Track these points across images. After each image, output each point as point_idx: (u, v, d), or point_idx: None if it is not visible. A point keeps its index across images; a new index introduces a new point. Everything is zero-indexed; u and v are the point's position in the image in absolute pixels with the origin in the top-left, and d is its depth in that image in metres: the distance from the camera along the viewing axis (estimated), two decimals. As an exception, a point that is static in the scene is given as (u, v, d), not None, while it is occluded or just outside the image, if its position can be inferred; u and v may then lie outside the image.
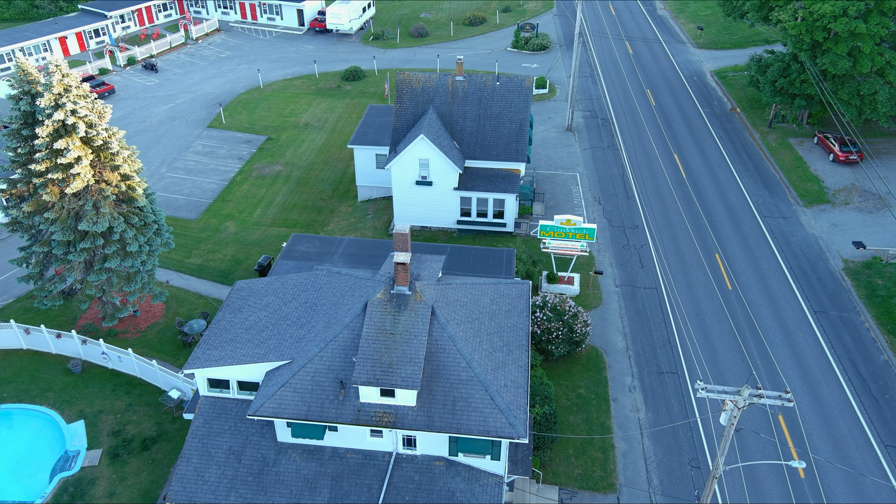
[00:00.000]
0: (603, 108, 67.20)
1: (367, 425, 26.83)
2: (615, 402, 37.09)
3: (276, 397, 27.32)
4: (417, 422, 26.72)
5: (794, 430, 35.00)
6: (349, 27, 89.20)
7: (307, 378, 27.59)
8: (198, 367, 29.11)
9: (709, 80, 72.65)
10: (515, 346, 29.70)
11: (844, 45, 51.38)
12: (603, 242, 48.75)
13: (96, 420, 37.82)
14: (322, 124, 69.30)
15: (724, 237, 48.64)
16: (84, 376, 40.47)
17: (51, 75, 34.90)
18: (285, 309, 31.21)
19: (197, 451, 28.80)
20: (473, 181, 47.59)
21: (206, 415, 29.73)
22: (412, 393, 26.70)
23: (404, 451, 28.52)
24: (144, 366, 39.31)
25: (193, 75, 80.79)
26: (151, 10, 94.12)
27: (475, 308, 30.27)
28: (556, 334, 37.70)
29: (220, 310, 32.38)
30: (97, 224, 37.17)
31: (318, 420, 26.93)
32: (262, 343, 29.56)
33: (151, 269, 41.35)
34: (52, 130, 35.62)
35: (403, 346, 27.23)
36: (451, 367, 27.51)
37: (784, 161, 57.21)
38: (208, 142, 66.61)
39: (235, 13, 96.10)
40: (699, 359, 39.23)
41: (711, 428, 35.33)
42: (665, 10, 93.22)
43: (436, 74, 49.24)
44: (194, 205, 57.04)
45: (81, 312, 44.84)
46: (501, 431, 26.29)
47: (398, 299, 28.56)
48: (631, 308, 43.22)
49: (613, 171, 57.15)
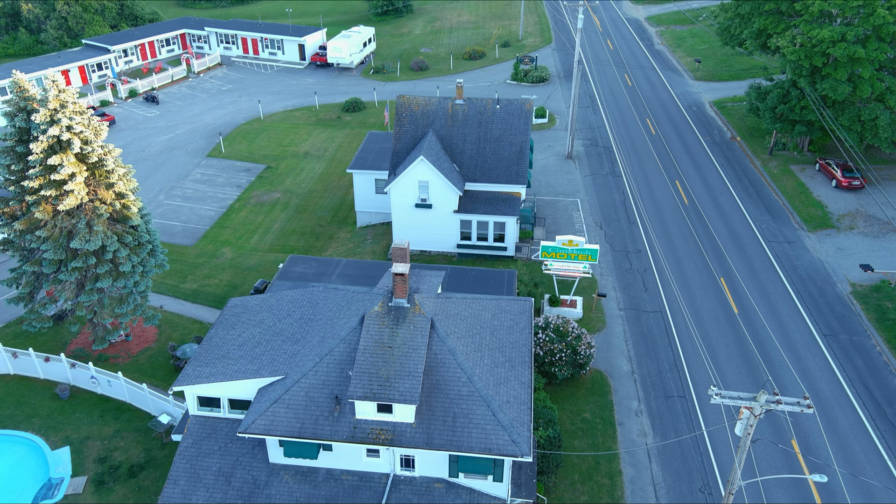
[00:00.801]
0: (603, 137, 67.10)
1: (363, 443, 25.57)
2: (621, 427, 35.73)
3: (268, 414, 26.11)
4: (416, 439, 25.47)
5: (808, 452, 33.59)
6: (350, 61, 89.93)
7: (301, 394, 26.43)
8: (187, 384, 27.96)
9: (708, 110, 72.80)
10: (518, 362, 28.60)
11: (844, 70, 51.40)
12: (605, 266, 47.90)
13: (82, 446, 36.40)
14: (321, 153, 69.13)
15: (729, 261, 47.81)
16: (72, 402, 39.16)
17: (47, 90, 34.56)
18: (280, 325, 30.20)
19: (184, 473, 27.44)
20: (474, 204, 46.98)
21: (195, 435, 28.45)
22: (410, 408, 25.52)
23: (402, 473, 27.17)
24: (134, 390, 38.06)
25: (194, 107, 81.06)
26: (154, 45, 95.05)
27: (476, 323, 29.27)
28: (560, 356, 36.55)
29: (213, 327, 31.35)
30: (90, 242, 36.35)
31: (312, 438, 25.68)
32: (255, 359, 28.47)
33: (144, 290, 40.41)
34: (46, 146, 35.10)
35: (401, 359, 26.16)
36: (451, 381, 26.39)
37: (786, 187, 56.77)
38: (207, 170, 66.30)
39: (237, 48, 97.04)
40: (708, 382, 37.99)
41: (725, 450, 33.93)
42: (662, 45, 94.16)
43: (435, 98, 49.09)
44: (191, 231, 56.34)
45: (72, 337, 43.75)
46: (504, 449, 25.03)
47: (396, 312, 27.59)
48: (635, 331, 42.13)
49: (615, 196, 56.65)
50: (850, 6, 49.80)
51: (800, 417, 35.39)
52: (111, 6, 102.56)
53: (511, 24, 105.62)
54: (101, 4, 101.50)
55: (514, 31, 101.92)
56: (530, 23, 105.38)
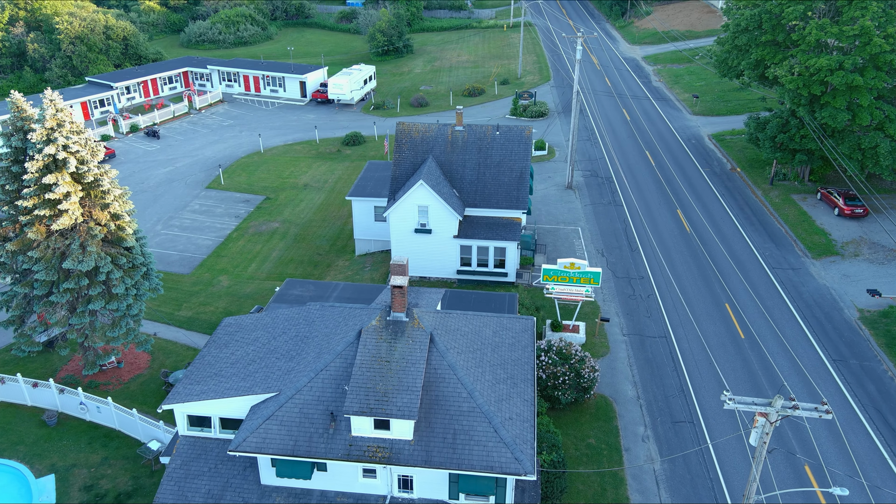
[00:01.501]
0: (603, 168, 67.04)
1: (358, 461, 24.44)
2: (628, 453, 34.46)
3: (260, 431, 25.04)
4: (415, 457, 24.35)
5: (823, 478, 32.28)
6: (350, 97, 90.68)
7: (295, 410, 25.40)
8: (177, 402, 26.94)
9: (706, 142, 72.96)
10: (520, 379, 27.64)
11: (842, 98, 51.51)
12: (608, 293, 47.10)
13: (68, 474, 35.07)
14: (321, 185, 68.98)
15: (733, 287, 47.05)
16: (59, 429, 37.95)
17: (44, 109, 34.36)
18: (274, 343, 29.31)
19: (172, 495, 26.20)
20: (474, 229, 46.45)
21: (184, 456, 27.28)
22: (409, 424, 24.47)
23: (399, 495, 25.94)
24: (124, 416, 36.90)
25: (195, 141, 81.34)
26: (157, 83, 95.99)
27: (477, 339, 28.39)
28: (563, 379, 35.49)
29: (206, 345, 30.46)
30: (83, 263, 35.69)
31: (306, 456, 24.56)
32: (248, 376, 27.51)
33: (138, 314, 39.54)
34: (41, 165, 34.76)
35: (399, 374, 25.22)
36: (451, 397, 25.39)
37: (788, 216, 56.36)
38: (205, 201, 66.02)
39: (239, 86, 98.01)
40: (716, 407, 36.82)
41: (736, 476, 32.61)
42: (660, 82, 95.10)
43: (435, 125, 49.04)
44: (188, 260, 55.71)
45: (63, 364, 42.74)
46: (507, 467, 23.90)
47: (395, 326, 26.75)
48: (640, 357, 41.11)
49: (616, 225, 56.18)
50: (847, 35, 50.17)
51: (813, 444, 34.15)
52: (115, 46, 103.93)
53: (510, 64, 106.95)
54: (105, 44, 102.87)
55: (513, 70, 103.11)
56: (529, 62, 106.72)
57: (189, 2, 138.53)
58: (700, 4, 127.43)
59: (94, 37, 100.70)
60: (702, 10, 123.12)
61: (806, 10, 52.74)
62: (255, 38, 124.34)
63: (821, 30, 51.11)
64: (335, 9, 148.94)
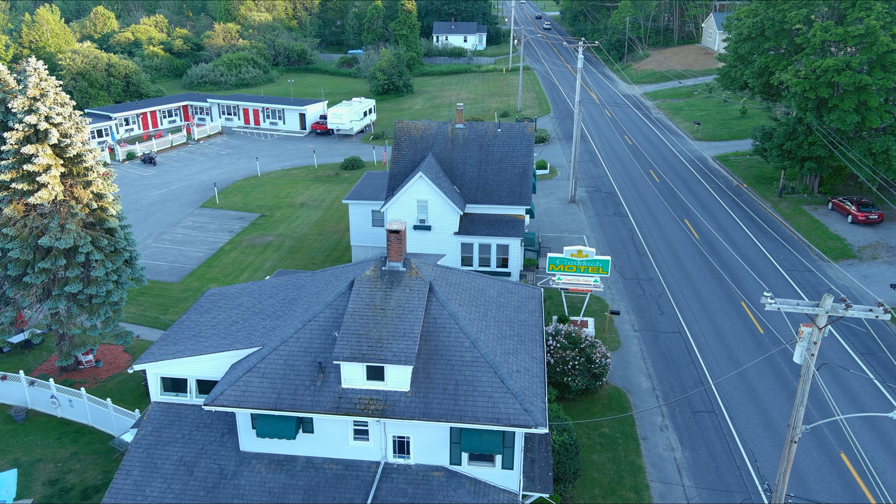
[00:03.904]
0: (606, 185, 65.59)
1: (349, 414, 21.73)
2: (645, 441, 31.48)
3: (239, 384, 22.43)
4: (412, 409, 21.68)
5: (861, 467, 29.28)
6: (350, 127, 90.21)
7: (279, 362, 22.85)
8: (151, 361, 24.39)
9: (711, 163, 71.80)
10: (528, 339, 25.16)
11: (851, 100, 50.43)
12: (617, 293, 44.75)
13: (32, 469, 32.00)
14: (318, 203, 67.37)
15: (748, 287, 44.73)
16: (27, 424, 35.01)
17: (27, 77, 32.94)
18: (260, 306, 26.95)
19: (140, 462, 23.34)
20: (475, 226, 44.48)
21: (155, 422, 24.52)
22: (405, 372, 21.89)
23: (395, 461, 23.08)
24: (97, 410, 34.05)
25: (191, 167, 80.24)
26: (156, 115, 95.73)
27: (480, 296, 26.04)
28: (573, 364, 32.85)
29: (186, 312, 28.08)
30: (61, 240, 33.56)
31: (290, 410, 21.87)
32: (230, 335, 25.06)
33: (118, 301, 37.10)
34: (21, 137, 33.09)
35: (395, 321, 22.80)
36: (452, 347, 22.89)
37: (800, 224, 54.50)
38: (199, 218, 64.24)
39: (238, 119, 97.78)
40: (738, 398, 34.02)
41: (766, 463, 29.60)
42: (660, 113, 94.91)
43: (435, 122, 47.73)
44: (178, 270, 53.47)
45: (38, 364, 40.01)
46: (515, 419, 21.22)
47: (391, 276, 24.47)
48: (654, 350, 38.47)
49: (622, 233, 54.23)
50: (852, 36, 49.48)
51: (847, 436, 31.26)
52: (117, 83, 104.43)
53: (510, 100, 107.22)
54: (107, 81, 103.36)
55: (512, 105, 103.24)
56: (528, 98, 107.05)
57: (192, 48, 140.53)
58: (696, 48, 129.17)
59: (95, 73, 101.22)
60: (698, 52, 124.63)
61: (809, 14, 52.27)
62: (256, 80, 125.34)
63: (825, 31, 50.49)
64: (336, 56, 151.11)
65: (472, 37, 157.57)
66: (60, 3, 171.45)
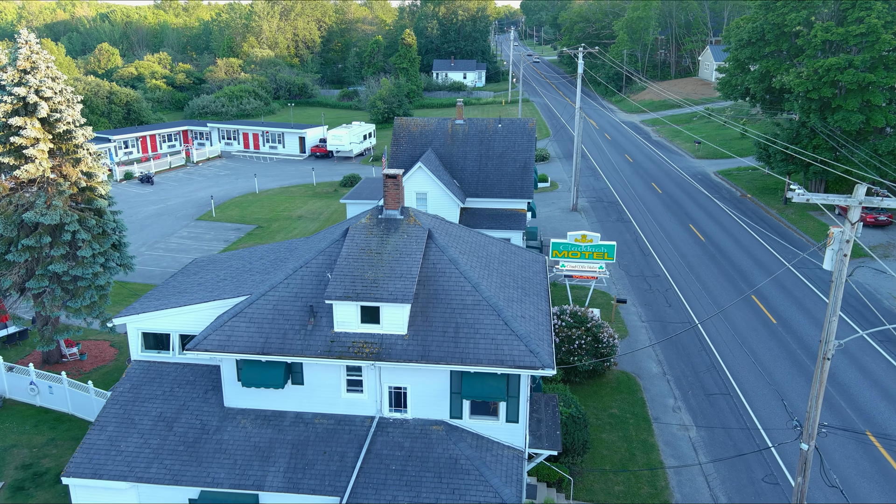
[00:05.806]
0: (608, 196, 64.72)
1: (342, 358, 20.16)
2: (657, 422, 29.66)
3: (225, 328, 20.93)
4: (409, 352, 20.14)
5: (889, 444, 27.46)
6: (349, 149, 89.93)
7: (268, 307, 21.38)
8: (132, 314, 22.92)
9: (713, 178, 71.12)
10: (533, 292, 23.75)
11: (855, 100, 49.92)
12: (622, 287, 43.31)
13: (5, 454, 30.10)
14: (316, 216, 66.38)
15: (759, 282, 43.31)
16: (2, 413, 33.19)
17: (18, 48, 32.28)
18: (250, 266, 25.59)
19: (115, 419, 21.65)
20: (476, 220, 43.31)
21: (134, 380, 22.89)
22: (402, 313, 20.41)
23: (391, 415, 21.39)
24: (78, 397, 32.31)
25: (189, 186, 79.57)
26: (156, 139, 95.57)
27: (483, 251, 24.72)
28: (579, 343, 31.25)
29: (173, 276, 26.69)
30: (46, 216, 32.35)
31: (279, 354, 20.31)
32: (217, 289, 23.63)
33: (105, 286, 35.63)
34: (10, 109, 32.23)
35: (392, 263, 21.44)
36: (452, 290, 21.47)
37: (808, 227, 53.37)
38: (195, 230, 63.16)
39: (238, 143, 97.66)
40: (753, 381, 32.30)
41: (787, 446, 27.76)
42: (660, 137, 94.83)
43: (434, 119, 47.10)
44: (169, 274, 52.03)
45: (19, 358, 38.31)
46: (521, 360, 19.66)
47: (387, 223, 23.21)
48: (663, 338, 36.85)
49: (626, 237, 53.04)
50: (853, 35, 49.28)
51: (871, 419, 29.49)
52: (118, 110, 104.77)
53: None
54: (108, 108, 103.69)
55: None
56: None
57: (194, 81, 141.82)
58: (693, 79, 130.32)
59: (97, 100, 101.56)
60: (696, 83, 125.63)
61: (809, 16, 52.23)
62: (257, 111, 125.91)
63: (826, 32, 50.32)
64: (337, 91, 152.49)
65: (472, 73, 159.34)
66: (66, 43, 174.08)
